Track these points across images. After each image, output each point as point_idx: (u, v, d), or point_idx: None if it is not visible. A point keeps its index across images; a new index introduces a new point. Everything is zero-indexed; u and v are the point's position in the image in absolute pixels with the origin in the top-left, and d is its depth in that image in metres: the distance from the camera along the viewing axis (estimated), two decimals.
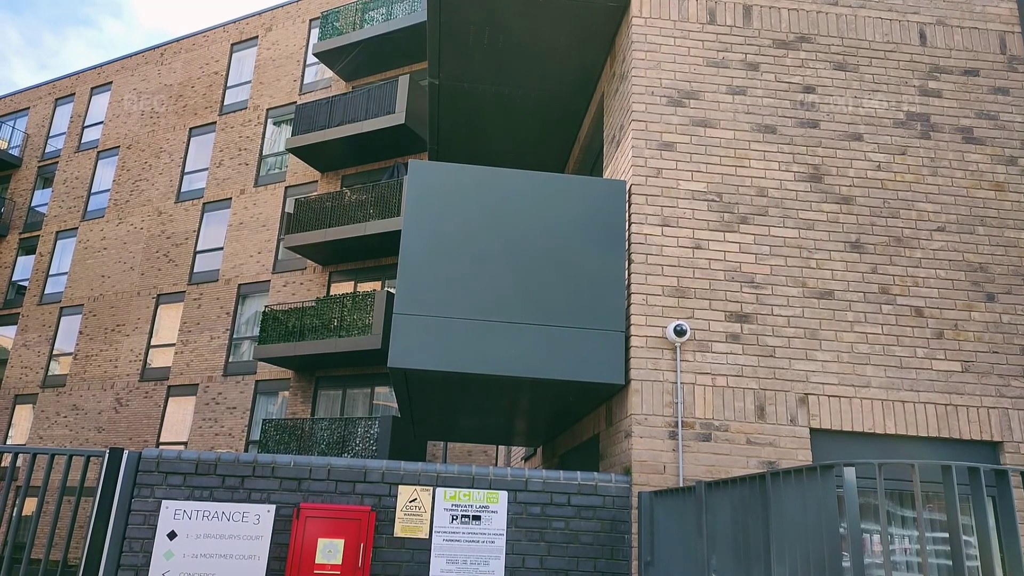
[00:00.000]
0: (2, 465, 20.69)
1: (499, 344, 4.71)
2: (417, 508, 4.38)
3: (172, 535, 4.10)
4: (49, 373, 22.45)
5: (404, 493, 4.39)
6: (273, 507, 4.26)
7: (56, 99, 26.65)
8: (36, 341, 23.07)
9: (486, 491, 4.46)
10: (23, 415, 22.46)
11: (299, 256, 18.90)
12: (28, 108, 27.17)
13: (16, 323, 23.80)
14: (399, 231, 15.24)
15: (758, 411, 4.69)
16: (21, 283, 24.46)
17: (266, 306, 17.98)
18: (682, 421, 4.62)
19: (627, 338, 4.87)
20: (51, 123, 26.39)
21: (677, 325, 4.75)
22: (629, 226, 5.10)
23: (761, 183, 5.17)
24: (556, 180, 5.18)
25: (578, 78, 6.75)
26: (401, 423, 14.82)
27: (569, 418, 6.27)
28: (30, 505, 20.21)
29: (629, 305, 4.92)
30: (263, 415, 18.58)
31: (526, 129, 7.78)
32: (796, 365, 4.80)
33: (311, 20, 22.05)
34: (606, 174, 6.02)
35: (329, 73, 20.82)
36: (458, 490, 4.43)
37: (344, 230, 16.89)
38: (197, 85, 23.55)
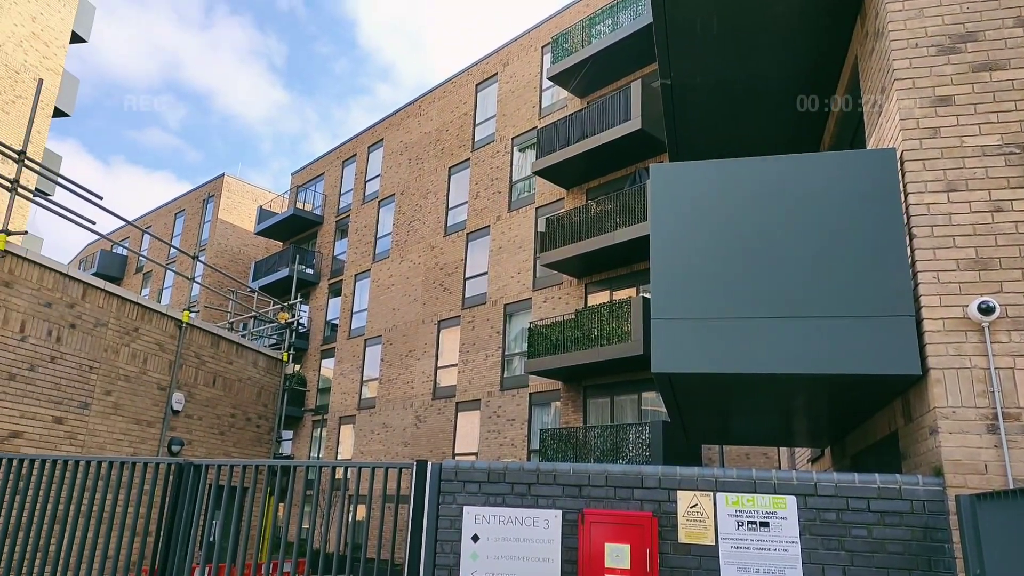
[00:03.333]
0: (336, 477, 24.51)
1: (767, 341, 4.48)
2: (699, 514, 4.32)
3: (475, 538, 4.53)
4: (362, 397, 26.09)
5: (684, 499, 4.37)
6: (559, 512, 4.50)
7: (343, 161, 31.13)
8: (350, 370, 26.97)
9: (772, 496, 4.25)
10: (347, 433, 26.37)
11: (555, 272, 19.74)
12: (323, 173, 32.10)
13: (333, 356, 28.07)
14: (647, 236, 15.21)
15: None
16: (333, 321, 28.83)
17: (530, 322, 19.03)
18: (1003, 413, 3.98)
19: (918, 322, 4.33)
20: (341, 182, 30.87)
21: (982, 302, 4.12)
22: (905, 197, 4.55)
23: None
24: (811, 160, 4.82)
25: (824, 47, 6.21)
26: (672, 427, 14.67)
27: (857, 415, 5.73)
28: (360, 512, 23.56)
29: (916, 285, 4.38)
30: (539, 425, 19.63)
31: (770, 113, 7.33)
32: None
33: (543, 47, 23.09)
34: (870, 144, 5.44)
35: (564, 93, 21.58)
36: (741, 495, 4.28)
37: (594, 242, 17.30)
38: (451, 128, 25.91)
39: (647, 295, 16.51)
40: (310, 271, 29.67)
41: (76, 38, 21.54)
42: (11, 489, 5.36)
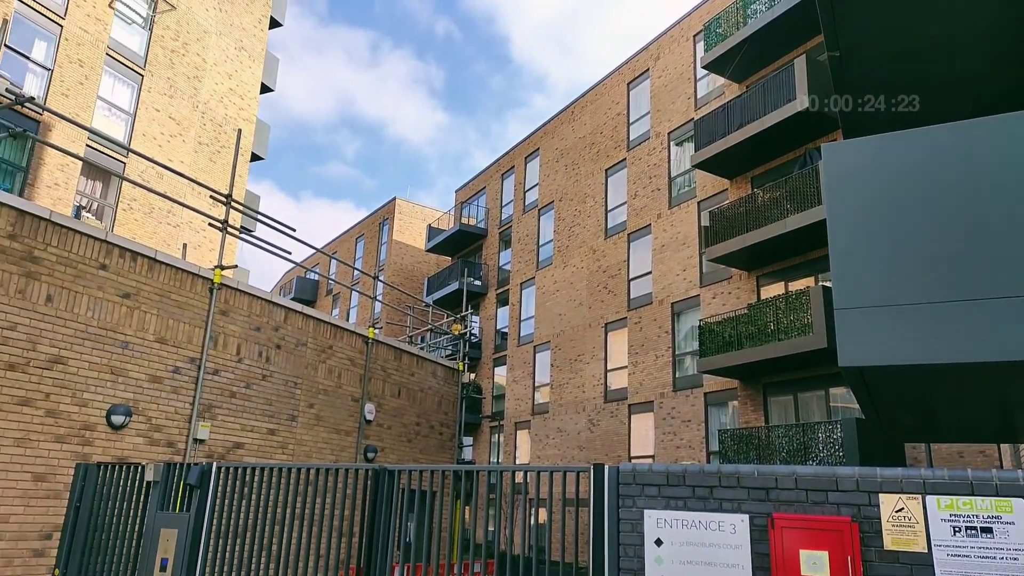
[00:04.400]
0: (516, 481, 25.19)
1: (981, 324, 4.02)
2: (906, 519, 3.96)
3: (658, 542, 4.47)
4: (535, 402, 26.63)
5: (887, 502, 4.02)
6: (746, 516, 4.32)
7: (502, 174, 32.09)
8: (521, 376, 27.65)
9: (993, 499, 3.80)
10: (523, 438, 27.03)
11: (722, 266, 18.99)
12: (484, 187, 33.29)
13: (505, 364, 28.92)
14: (823, 221, 14.21)
15: None
16: (503, 330, 29.73)
17: (700, 320, 18.43)
18: None
19: None
20: (501, 195, 31.83)
21: None
22: None
23: None
24: (1015, 120, 4.26)
25: None
26: (867, 425, 13.52)
27: None
28: (542, 515, 24.00)
29: None
30: (717, 426, 18.93)
31: (961, 75, 6.58)
32: None
33: (694, 35, 22.40)
34: None
35: (721, 80, 20.77)
36: (955, 498, 3.87)
37: (762, 232, 16.44)
38: (604, 130, 25.84)
39: (827, 284, 15.40)
40: (478, 283, 30.84)
41: (265, 88, 24.13)
42: (238, 494, 6.08)
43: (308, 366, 10.80)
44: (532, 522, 5.59)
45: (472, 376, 29.79)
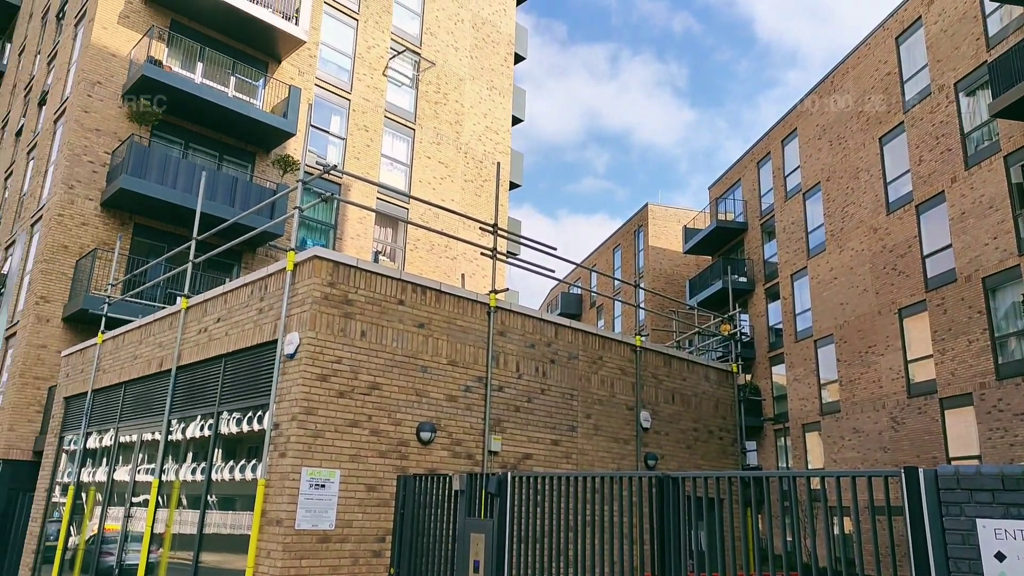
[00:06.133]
0: (812, 487, 23.25)
1: None
2: None
3: (1000, 556, 3.84)
4: (823, 401, 24.50)
5: None
6: None
7: (757, 162, 30.34)
8: (803, 374, 25.65)
9: None
10: (813, 441, 24.99)
11: None
12: (739, 179, 31.75)
13: (783, 362, 27.08)
14: None
15: None
16: (776, 327, 27.91)
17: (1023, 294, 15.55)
18: None
19: None
20: (759, 184, 30.08)
21: None
22: None
23: None
24: None
25: None
26: None
27: None
28: (847, 524, 21.90)
29: None
30: None
31: None
32: None
33: None
34: None
35: (1017, 11, 17.51)
36: None
37: None
38: (872, 95, 23.20)
39: None
40: (743, 279, 29.39)
41: (515, 120, 25.81)
42: (531, 502, 6.50)
43: (581, 378, 11.18)
44: (836, 532, 5.15)
45: (748, 377, 28.37)
